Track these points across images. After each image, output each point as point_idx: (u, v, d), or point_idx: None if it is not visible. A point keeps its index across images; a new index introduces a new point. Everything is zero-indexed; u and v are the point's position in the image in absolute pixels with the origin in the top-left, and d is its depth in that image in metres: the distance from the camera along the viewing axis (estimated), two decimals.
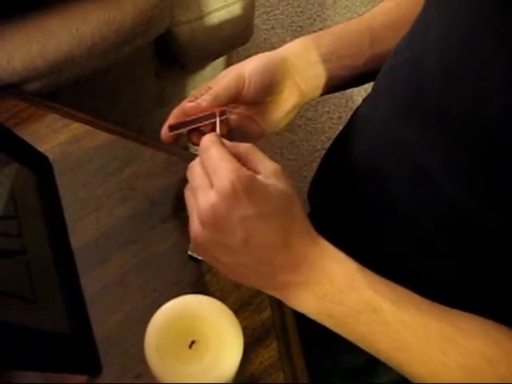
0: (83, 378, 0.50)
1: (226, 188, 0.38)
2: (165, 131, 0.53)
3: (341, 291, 0.40)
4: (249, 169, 0.41)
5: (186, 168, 0.45)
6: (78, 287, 0.53)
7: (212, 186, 0.40)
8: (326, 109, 1.58)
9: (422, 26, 0.48)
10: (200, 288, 0.55)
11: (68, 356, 0.47)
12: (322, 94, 0.60)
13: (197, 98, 0.52)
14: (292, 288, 0.41)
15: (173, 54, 0.91)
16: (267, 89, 0.54)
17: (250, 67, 0.54)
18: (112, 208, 0.59)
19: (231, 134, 0.55)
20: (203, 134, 0.49)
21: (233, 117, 0.56)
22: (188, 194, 0.44)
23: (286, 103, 0.57)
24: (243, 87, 0.53)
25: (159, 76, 0.94)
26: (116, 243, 0.57)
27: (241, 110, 0.56)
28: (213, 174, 0.40)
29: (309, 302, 0.41)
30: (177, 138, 0.54)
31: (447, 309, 0.41)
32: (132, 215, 0.59)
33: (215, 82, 0.53)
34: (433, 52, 0.43)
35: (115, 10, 0.70)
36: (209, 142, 0.43)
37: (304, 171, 1.46)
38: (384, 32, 0.57)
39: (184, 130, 0.53)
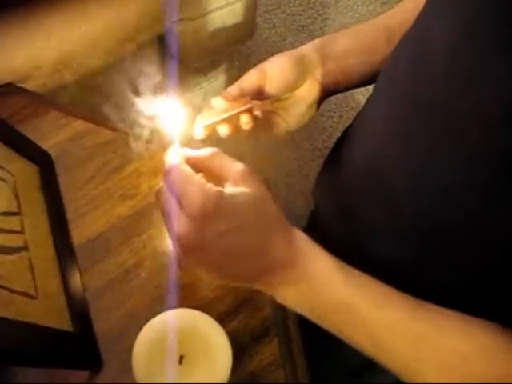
0: (85, 375, 0.51)
1: (197, 211, 0.38)
2: (197, 127, 0.55)
3: (319, 288, 0.41)
4: (215, 175, 0.42)
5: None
6: (79, 284, 0.53)
7: (183, 208, 0.40)
8: (327, 108, 1.58)
9: (425, 21, 0.48)
10: (201, 285, 0.55)
11: (69, 353, 0.47)
12: (342, 90, 0.62)
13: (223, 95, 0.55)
14: (275, 286, 0.42)
15: (176, 50, 0.91)
16: (288, 84, 0.57)
17: (270, 64, 0.57)
18: (114, 205, 0.59)
19: (257, 127, 0.57)
20: (229, 126, 0.55)
21: (258, 112, 0.57)
22: (163, 216, 0.43)
23: (307, 98, 0.59)
24: (265, 83, 0.56)
25: (162, 72, 0.94)
26: (117, 240, 0.57)
27: (265, 105, 0.58)
28: (181, 198, 0.39)
29: (291, 297, 0.43)
30: (207, 132, 0.56)
31: (430, 307, 0.42)
32: (134, 213, 0.59)
33: (241, 80, 0.56)
34: (437, 49, 0.43)
35: (118, 8, 0.70)
36: (171, 164, 0.41)
37: (305, 169, 1.46)
38: (401, 30, 0.58)
39: (213, 122, 0.55)
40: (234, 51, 1.07)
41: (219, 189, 0.39)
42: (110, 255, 0.56)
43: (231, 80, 1.05)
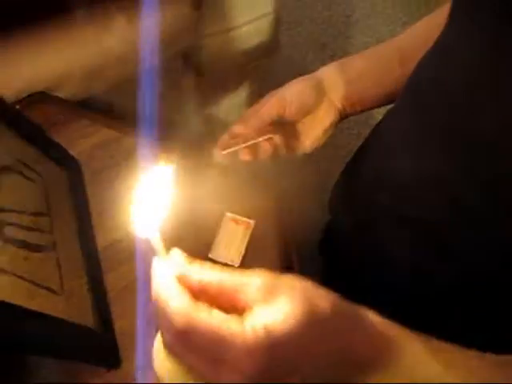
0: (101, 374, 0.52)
1: (251, 368, 0.30)
2: (217, 153, 0.59)
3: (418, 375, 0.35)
4: (229, 303, 0.33)
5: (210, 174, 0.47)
6: (102, 283, 0.55)
7: (225, 367, 0.31)
8: (346, 125, 1.59)
9: (448, 38, 0.49)
10: None
11: (89, 348, 0.49)
12: (358, 112, 0.63)
13: (244, 122, 0.58)
14: None
15: (198, 65, 0.94)
16: (306, 109, 0.60)
17: (289, 91, 0.60)
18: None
19: (276, 150, 0.61)
20: (250, 153, 0.58)
21: (277, 136, 0.60)
22: None
23: (324, 121, 0.62)
24: (284, 110, 0.59)
25: (185, 84, 0.97)
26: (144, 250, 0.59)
27: (284, 129, 0.61)
28: (218, 361, 0.31)
29: None
30: (228, 156, 0.59)
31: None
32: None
33: (259, 106, 0.59)
34: (460, 63, 0.45)
35: (143, 22, 0.73)
36: (179, 322, 0.31)
37: (324, 184, 1.47)
38: (414, 51, 0.59)
39: (234, 149, 0.58)
40: (256, 68, 1.10)
41: (257, 325, 0.30)
42: (132, 258, 0.58)
43: (253, 97, 1.07)
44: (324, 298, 0.33)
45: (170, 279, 0.33)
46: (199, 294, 0.32)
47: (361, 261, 0.63)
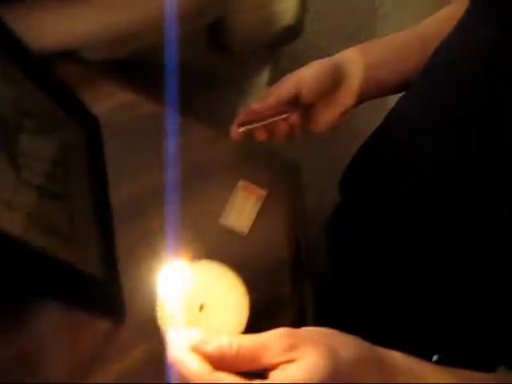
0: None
1: None
2: (234, 129, 0.59)
3: None
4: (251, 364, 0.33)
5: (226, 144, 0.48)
6: (112, 238, 0.56)
7: None
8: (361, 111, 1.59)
9: (467, 25, 0.49)
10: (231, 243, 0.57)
11: (96, 298, 0.50)
12: (376, 97, 0.64)
13: (262, 100, 0.58)
14: None
15: (224, 41, 0.94)
16: (324, 91, 0.60)
17: (308, 72, 0.60)
18: (153, 173, 0.62)
19: (292, 130, 0.61)
20: (266, 131, 0.59)
21: (294, 116, 0.60)
22: None
23: (341, 104, 0.62)
24: (301, 90, 0.59)
25: (209, 60, 0.97)
26: (152, 204, 0.60)
27: (301, 110, 0.61)
28: None
29: None
30: (244, 134, 0.59)
31: None
32: (172, 181, 0.62)
33: (278, 85, 0.59)
34: (472, 60, 0.45)
35: None
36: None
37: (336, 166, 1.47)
38: (435, 38, 0.59)
39: (250, 127, 0.58)
40: (279, 51, 1.10)
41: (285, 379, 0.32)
42: (144, 216, 0.59)
43: (274, 78, 1.07)
44: (348, 347, 0.34)
45: (185, 349, 0.33)
46: (217, 362, 0.33)
47: (371, 243, 0.64)
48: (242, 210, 0.60)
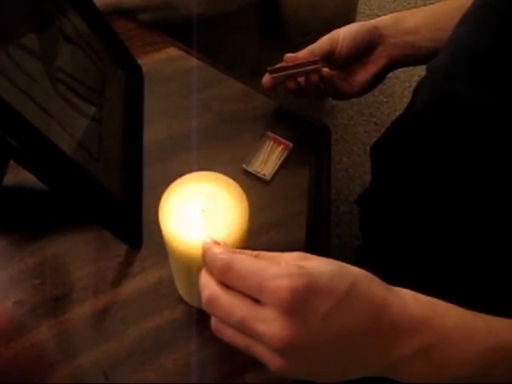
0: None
1: (288, 300, 0.30)
2: (266, 76, 0.61)
3: (459, 349, 0.35)
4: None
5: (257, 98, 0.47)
6: (139, 169, 0.59)
7: (262, 304, 0.32)
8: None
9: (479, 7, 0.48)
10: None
11: (117, 219, 0.52)
12: (411, 64, 0.63)
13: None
14: (402, 362, 0.34)
15: (275, 25, 0.96)
16: (358, 51, 0.61)
17: (344, 30, 0.61)
18: (186, 119, 0.65)
19: (322, 86, 0.62)
20: (297, 82, 0.60)
21: (327, 72, 0.62)
22: (228, 330, 0.34)
23: (374, 66, 0.62)
24: (336, 47, 0.60)
25: (260, 46, 1.00)
26: (180, 148, 0.62)
27: (335, 68, 0.63)
28: (256, 291, 0.32)
29: (424, 368, 0.35)
30: (275, 82, 0.61)
31: None
32: (201, 129, 0.64)
33: (314, 44, 0.61)
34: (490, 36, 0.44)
35: None
36: (222, 259, 0.34)
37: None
38: None
39: (281, 74, 0.60)
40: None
41: (298, 264, 0.33)
42: (172, 158, 0.61)
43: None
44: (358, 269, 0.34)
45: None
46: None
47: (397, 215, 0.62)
48: (267, 158, 0.61)
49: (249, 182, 0.60)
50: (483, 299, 0.40)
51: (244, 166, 0.60)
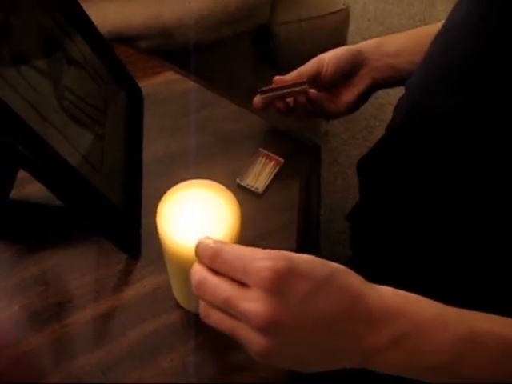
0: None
1: (269, 279, 0.33)
2: (257, 96, 0.65)
3: (432, 338, 0.37)
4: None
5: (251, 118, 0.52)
6: (138, 183, 0.62)
7: (247, 286, 0.35)
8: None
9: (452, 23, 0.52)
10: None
11: (116, 229, 0.56)
12: (394, 85, 0.68)
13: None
14: (378, 350, 0.36)
15: (268, 51, 1.02)
16: (342, 73, 0.66)
17: (330, 54, 0.66)
18: (183, 137, 0.69)
19: (309, 106, 0.66)
20: (285, 102, 0.64)
21: (313, 93, 0.66)
22: (215, 314, 0.37)
23: (358, 87, 0.67)
24: (322, 69, 0.65)
25: (254, 71, 1.05)
26: (178, 164, 0.66)
27: (321, 89, 0.67)
28: (243, 274, 0.35)
29: (398, 357, 0.37)
30: (265, 102, 0.65)
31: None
32: (198, 146, 0.68)
33: (301, 66, 0.66)
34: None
35: None
36: (212, 247, 0.37)
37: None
38: None
39: (271, 95, 0.64)
40: None
41: (282, 251, 0.36)
42: (170, 174, 0.65)
43: None
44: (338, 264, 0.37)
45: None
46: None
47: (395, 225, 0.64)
48: (259, 173, 0.64)
49: (242, 195, 0.63)
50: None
51: (238, 180, 0.63)
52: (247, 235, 0.46)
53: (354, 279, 0.37)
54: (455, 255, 0.55)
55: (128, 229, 0.58)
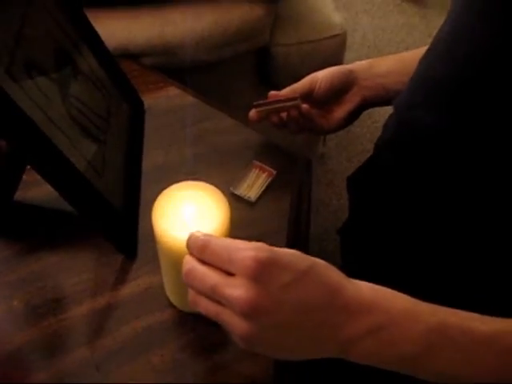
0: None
1: (253, 268, 0.36)
2: (252, 110, 0.69)
3: (405, 329, 0.39)
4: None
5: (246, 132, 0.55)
6: (137, 188, 0.66)
7: (232, 274, 0.38)
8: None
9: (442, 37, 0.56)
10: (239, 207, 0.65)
11: (115, 231, 0.59)
12: (383, 104, 0.72)
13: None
14: (354, 340, 0.39)
15: (267, 72, 1.06)
16: (334, 91, 0.70)
17: (322, 73, 0.70)
18: (181, 147, 0.72)
19: (302, 121, 0.69)
20: (279, 116, 0.68)
21: (306, 109, 0.70)
22: (202, 300, 0.40)
23: (349, 105, 0.71)
24: (315, 87, 0.69)
25: (254, 89, 1.09)
26: (176, 172, 0.69)
27: (314, 106, 0.71)
28: (229, 264, 0.38)
29: (373, 347, 0.39)
30: (259, 116, 0.69)
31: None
32: (195, 156, 0.72)
33: (295, 84, 0.70)
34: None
35: (224, 14, 0.87)
36: (201, 239, 0.40)
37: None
38: None
39: (265, 108, 0.68)
40: None
41: (266, 244, 0.39)
42: (168, 182, 0.68)
43: None
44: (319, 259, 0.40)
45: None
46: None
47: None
48: (253, 183, 0.68)
49: (236, 204, 0.66)
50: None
51: (231, 188, 0.67)
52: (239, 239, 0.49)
53: (333, 273, 0.40)
54: (443, 269, 0.57)
55: (126, 231, 0.61)
